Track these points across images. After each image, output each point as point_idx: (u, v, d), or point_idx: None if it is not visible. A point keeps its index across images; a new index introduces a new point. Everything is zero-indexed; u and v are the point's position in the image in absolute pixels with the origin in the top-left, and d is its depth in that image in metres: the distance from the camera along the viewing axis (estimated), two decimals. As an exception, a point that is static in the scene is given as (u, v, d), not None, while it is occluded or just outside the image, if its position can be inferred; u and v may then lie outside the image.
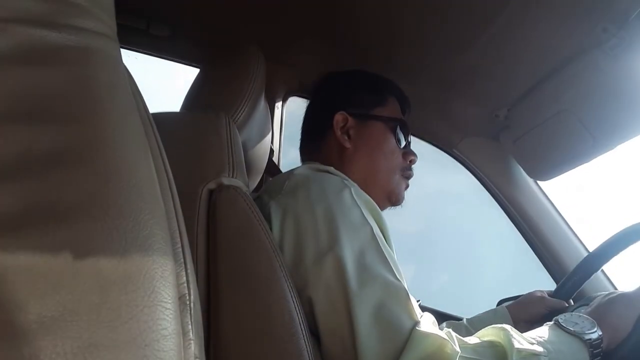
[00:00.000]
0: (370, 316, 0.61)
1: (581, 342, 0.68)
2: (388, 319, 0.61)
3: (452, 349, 0.59)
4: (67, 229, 0.26)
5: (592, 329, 0.70)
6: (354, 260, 0.65)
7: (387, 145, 0.96)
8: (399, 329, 0.61)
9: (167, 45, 1.24)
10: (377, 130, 0.96)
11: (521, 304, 1.08)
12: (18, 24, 0.28)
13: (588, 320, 0.72)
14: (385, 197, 0.96)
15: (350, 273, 0.63)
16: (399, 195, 0.97)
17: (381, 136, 0.96)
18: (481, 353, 0.63)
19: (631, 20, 0.95)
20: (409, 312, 0.63)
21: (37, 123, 0.28)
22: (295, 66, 1.30)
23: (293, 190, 0.74)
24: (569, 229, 1.38)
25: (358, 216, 0.70)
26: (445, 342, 0.60)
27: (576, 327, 0.70)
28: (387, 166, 0.95)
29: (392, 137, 0.97)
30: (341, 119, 0.95)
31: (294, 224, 0.69)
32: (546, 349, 0.64)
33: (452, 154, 1.47)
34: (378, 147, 0.95)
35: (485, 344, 0.65)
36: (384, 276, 0.64)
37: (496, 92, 1.27)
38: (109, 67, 0.33)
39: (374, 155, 0.95)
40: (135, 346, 0.25)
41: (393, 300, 0.63)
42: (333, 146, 0.95)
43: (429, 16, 1.05)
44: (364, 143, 0.95)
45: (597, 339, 0.69)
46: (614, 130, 1.11)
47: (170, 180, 0.36)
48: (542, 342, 0.66)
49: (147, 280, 0.27)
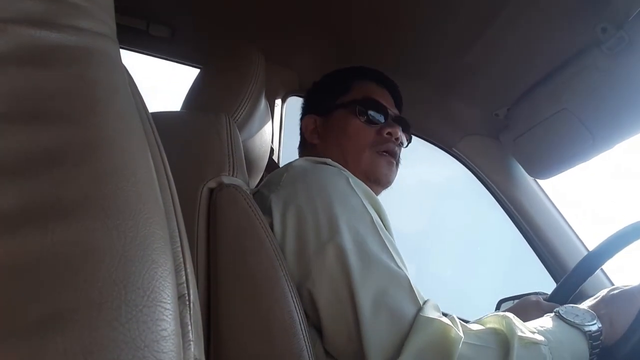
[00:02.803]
0: (374, 303, 0.61)
1: (581, 334, 0.68)
2: (391, 305, 0.62)
3: (456, 333, 0.60)
4: (67, 228, 0.26)
5: (592, 321, 0.70)
6: (355, 248, 0.65)
7: (351, 128, 0.96)
8: (403, 315, 0.61)
9: (167, 46, 1.24)
10: (339, 117, 0.99)
11: (517, 309, 1.07)
12: (18, 25, 0.29)
13: (588, 312, 0.72)
14: (365, 177, 0.92)
15: (352, 261, 0.64)
16: (378, 172, 0.95)
17: (342, 121, 0.98)
18: (484, 339, 0.63)
19: (630, 20, 0.95)
20: (412, 297, 0.63)
21: (36, 123, 0.28)
22: (295, 66, 1.30)
23: (292, 182, 0.75)
24: (568, 227, 1.38)
25: (357, 204, 0.71)
26: (449, 327, 0.60)
27: (576, 318, 0.70)
28: (354, 146, 0.95)
29: (355, 119, 0.96)
30: (310, 121, 1.02)
31: (294, 216, 0.69)
32: (546, 338, 0.65)
33: (452, 152, 1.47)
34: (341, 132, 0.97)
35: (488, 331, 0.65)
36: (385, 263, 0.65)
37: (496, 92, 1.27)
38: (109, 67, 0.33)
39: (339, 140, 0.97)
40: (134, 347, 0.25)
41: (395, 287, 0.63)
42: (310, 147, 1.01)
43: (429, 16, 1.05)
44: (329, 133, 0.99)
45: (597, 331, 0.69)
46: (613, 129, 1.11)
47: (170, 179, 0.36)
48: (542, 332, 0.66)
49: (147, 280, 0.27)
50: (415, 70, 1.24)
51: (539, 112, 1.21)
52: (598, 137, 1.13)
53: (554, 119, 1.18)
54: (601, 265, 1.04)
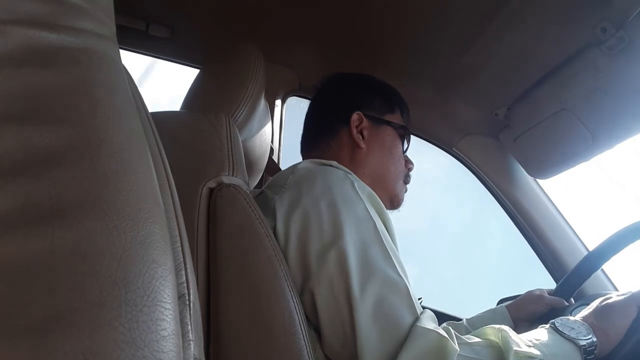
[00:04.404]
0: (371, 312, 0.61)
1: (575, 347, 0.69)
2: (389, 313, 0.62)
3: (452, 346, 0.59)
4: (67, 228, 0.26)
5: (588, 336, 0.71)
6: (356, 255, 0.65)
7: (396, 151, 0.99)
8: (399, 324, 0.61)
9: (167, 46, 1.24)
10: (389, 135, 0.99)
11: (520, 303, 1.08)
12: (17, 26, 0.29)
13: (584, 325, 0.73)
14: (389, 200, 0.98)
15: (353, 268, 0.64)
16: (401, 199, 1.01)
17: (392, 141, 0.99)
18: (479, 352, 0.63)
19: (630, 20, 0.95)
20: (410, 307, 0.63)
21: (36, 124, 0.28)
22: (295, 66, 1.30)
23: (297, 184, 0.75)
24: (568, 227, 1.38)
25: (362, 210, 0.71)
26: (445, 340, 0.60)
27: (572, 332, 0.71)
28: (395, 171, 0.99)
29: (400, 144, 1.00)
30: (357, 118, 0.97)
31: (299, 218, 0.69)
32: (541, 351, 0.65)
33: (452, 152, 1.47)
34: (389, 152, 0.98)
35: (483, 344, 0.65)
36: (385, 272, 0.65)
37: (496, 92, 1.27)
38: (109, 68, 0.33)
39: (385, 159, 0.97)
40: (134, 346, 0.25)
41: (394, 296, 0.63)
42: (345, 144, 0.96)
43: (429, 17, 1.05)
44: (377, 146, 0.97)
45: (591, 344, 0.70)
46: (613, 129, 1.11)
47: (170, 179, 0.36)
48: (538, 345, 0.66)
49: (147, 279, 0.27)
50: (415, 70, 1.25)
51: (539, 112, 1.21)
52: (598, 137, 1.13)
53: (554, 119, 1.18)
54: (601, 266, 1.04)
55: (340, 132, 0.96)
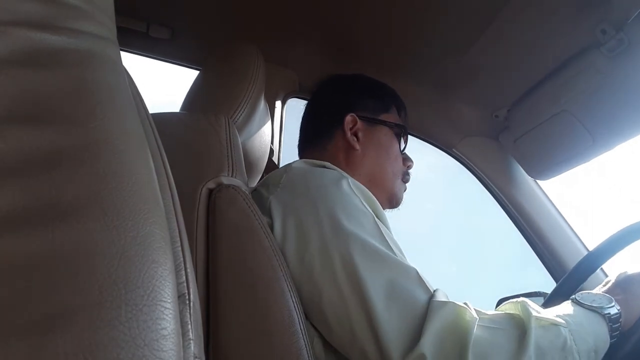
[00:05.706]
0: (385, 296, 0.61)
1: (600, 317, 0.68)
2: (403, 294, 0.62)
3: (471, 315, 0.59)
4: (67, 229, 0.26)
5: (610, 304, 0.69)
6: (359, 247, 0.65)
7: (392, 150, 0.99)
8: (416, 302, 0.61)
9: (167, 48, 1.24)
10: (384, 135, 0.99)
11: None
12: (18, 27, 0.29)
13: (605, 297, 0.71)
14: (387, 199, 0.99)
15: (358, 260, 0.63)
16: (400, 198, 1.01)
17: (388, 141, 0.99)
18: (498, 322, 0.62)
19: (630, 22, 0.95)
20: (423, 286, 0.63)
21: (36, 125, 0.28)
22: (294, 67, 1.30)
23: (292, 185, 0.75)
24: (568, 227, 1.38)
25: (358, 205, 0.71)
26: (463, 310, 0.60)
27: (594, 302, 0.69)
28: (392, 170, 0.99)
29: (396, 143, 1.00)
30: (351, 120, 0.97)
31: (296, 219, 0.69)
32: (565, 320, 0.64)
33: (451, 153, 1.47)
34: (385, 152, 0.98)
35: (503, 315, 0.65)
36: (391, 257, 0.65)
37: (496, 93, 1.27)
38: (109, 69, 0.34)
39: (381, 159, 0.98)
40: (134, 346, 0.25)
41: (404, 278, 0.63)
42: (340, 146, 0.96)
43: (428, 17, 1.06)
44: (372, 146, 0.97)
45: (616, 313, 0.68)
46: (613, 131, 1.11)
47: (170, 179, 0.36)
48: (562, 316, 0.65)
49: (147, 279, 0.27)
50: (415, 71, 1.25)
51: (539, 114, 1.21)
52: (598, 138, 1.13)
53: (554, 120, 1.18)
54: (601, 265, 1.04)
55: (336, 135, 0.97)
